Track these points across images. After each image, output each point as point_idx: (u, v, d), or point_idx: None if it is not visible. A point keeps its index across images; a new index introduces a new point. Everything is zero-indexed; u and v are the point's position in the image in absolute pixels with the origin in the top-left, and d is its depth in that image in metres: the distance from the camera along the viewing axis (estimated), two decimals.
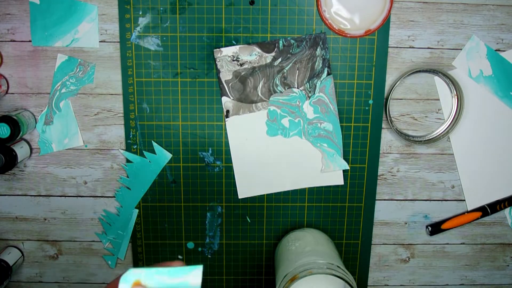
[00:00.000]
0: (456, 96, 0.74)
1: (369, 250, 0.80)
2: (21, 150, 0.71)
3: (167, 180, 0.76)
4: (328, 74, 0.72)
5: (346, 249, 0.80)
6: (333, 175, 0.76)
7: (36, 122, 0.74)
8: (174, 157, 0.75)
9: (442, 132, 0.75)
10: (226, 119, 0.74)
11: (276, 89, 0.72)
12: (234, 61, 0.71)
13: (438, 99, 0.75)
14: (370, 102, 0.74)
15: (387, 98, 0.73)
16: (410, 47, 0.73)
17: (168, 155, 0.75)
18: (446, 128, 0.75)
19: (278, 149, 0.74)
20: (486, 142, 0.77)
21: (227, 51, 0.71)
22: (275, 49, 0.71)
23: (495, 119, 0.76)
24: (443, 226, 0.78)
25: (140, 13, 0.70)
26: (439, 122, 0.76)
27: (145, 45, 0.71)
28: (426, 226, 0.80)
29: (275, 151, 0.75)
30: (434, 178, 0.78)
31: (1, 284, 0.71)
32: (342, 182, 0.76)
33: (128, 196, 0.76)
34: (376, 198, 0.78)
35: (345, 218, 0.78)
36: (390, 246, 0.81)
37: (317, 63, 0.72)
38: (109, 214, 0.77)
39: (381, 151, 0.76)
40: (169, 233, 0.78)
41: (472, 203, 0.79)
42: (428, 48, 0.73)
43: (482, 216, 0.78)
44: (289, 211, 0.78)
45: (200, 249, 0.79)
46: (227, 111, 0.73)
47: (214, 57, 0.71)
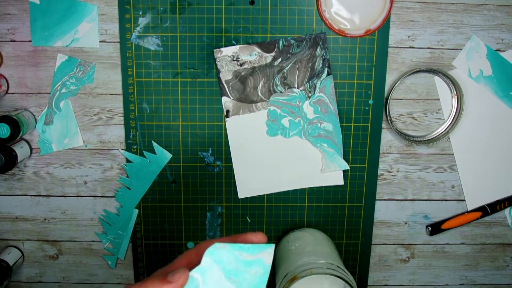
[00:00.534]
0: (456, 96, 0.74)
1: (369, 250, 0.80)
2: (21, 150, 0.71)
3: (167, 180, 0.76)
4: (328, 74, 0.72)
5: (346, 249, 0.80)
6: (333, 175, 0.76)
7: (36, 122, 0.74)
8: (174, 157, 0.75)
9: (442, 132, 0.75)
10: (226, 119, 0.74)
11: (276, 89, 0.72)
12: (234, 61, 0.71)
13: (438, 99, 0.75)
14: (370, 102, 0.74)
15: (387, 98, 0.73)
16: (410, 47, 0.73)
17: (168, 155, 0.75)
18: (446, 128, 0.75)
19: (278, 149, 0.74)
20: (486, 142, 0.77)
21: (227, 51, 0.71)
22: (275, 49, 0.71)
23: (495, 119, 0.76)
24: (443, 226, 0.78)
25: (140, 13, 0.70)
26: (439, 122, 0.76)
27: (145, 45, 0.71)
28: (426, 226, 0.80)
29: (275, 151, 0.75)
30: (434, 178, 0.78)
31: (1, 284, 0.71)
32: (342, 182, 0.76)
33: (128, 196, 0.76)
34: (376, 198, 0.78)
35: (345, 218, 0.78)
36: (390, 246, 0.81)
37: (317, 63, 0.72)
38: (109, 214, 0.77)
39: (381, 151, 0.76)
40: (169, 233, 0.78)
41: (472, 203, 0.79)
42: (428, 48, 0.73)
43: (482, 216, 0.78)
44: (289, 211, 0.78)
45: None
46: (227, 111, 0.73)
47: (214, 57, 0.71)
